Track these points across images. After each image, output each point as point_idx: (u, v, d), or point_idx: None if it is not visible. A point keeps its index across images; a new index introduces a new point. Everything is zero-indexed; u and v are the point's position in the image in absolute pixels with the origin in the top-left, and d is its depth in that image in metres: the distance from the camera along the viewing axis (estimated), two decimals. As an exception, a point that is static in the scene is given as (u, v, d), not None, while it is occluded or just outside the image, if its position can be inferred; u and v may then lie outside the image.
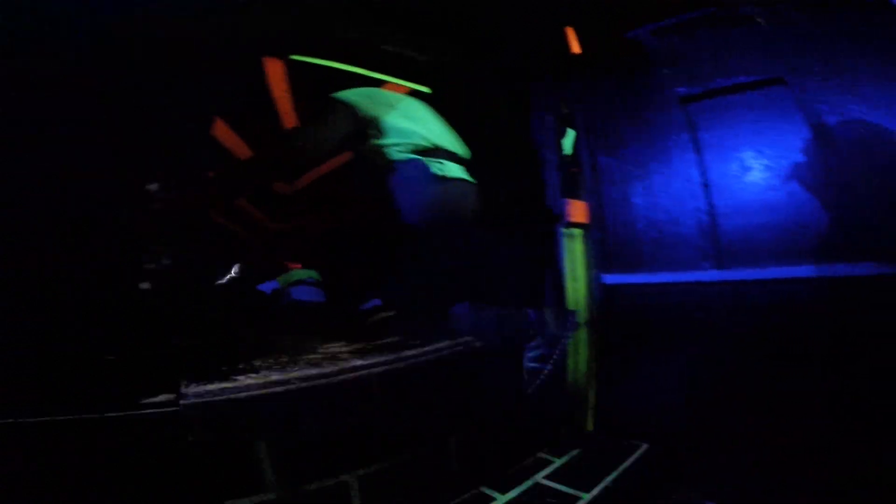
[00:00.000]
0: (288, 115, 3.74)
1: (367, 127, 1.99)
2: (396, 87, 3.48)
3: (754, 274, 1.83)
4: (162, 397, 1.20)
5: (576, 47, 2.68)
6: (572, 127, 2.32)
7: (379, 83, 3.39)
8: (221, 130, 3.98)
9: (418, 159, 1.95)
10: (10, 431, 1.02)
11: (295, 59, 3.03)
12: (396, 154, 1.98)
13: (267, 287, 3.39)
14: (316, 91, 3.64)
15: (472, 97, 2.89)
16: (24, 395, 1.08)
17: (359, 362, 1.33)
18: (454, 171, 1.99)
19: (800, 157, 1.85)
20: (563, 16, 2.37)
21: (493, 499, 1.57)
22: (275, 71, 3.52)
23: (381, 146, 1.99)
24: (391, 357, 1.40)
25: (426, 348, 1.55)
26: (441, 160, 1.98)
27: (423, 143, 2.00)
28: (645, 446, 1.97)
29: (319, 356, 1.50)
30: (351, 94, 2.09)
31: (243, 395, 1.17)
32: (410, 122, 2.04)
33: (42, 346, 1.16)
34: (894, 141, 1.66)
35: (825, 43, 1.81)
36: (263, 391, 1.18)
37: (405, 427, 1.44)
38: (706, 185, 1.94)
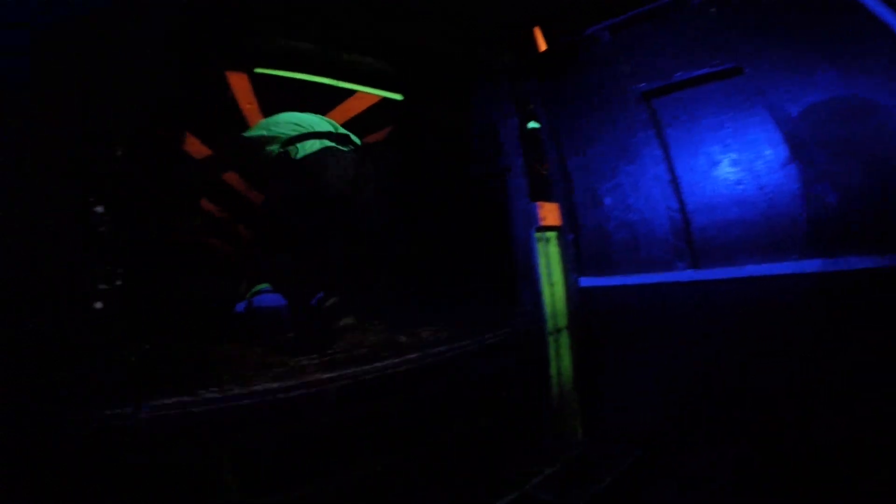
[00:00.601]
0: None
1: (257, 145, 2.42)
2: (366, 97, 3.57)
3: (730, 272, 1.88)
4: (120, 410, 1.22)
5: (542, 47, 2.79)
6: (539, 129, 2.41)
7: (347, 93, 3.48)
8: (193, 145, 4.03)
9: (282, 151, 2.30)
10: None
11: (259, 72, 3.10)
12: (272, 149, 2.33)
13: (241, 306, 3.47)
14: (285, 103, 3.72)
15: (441, 103, 2.98)
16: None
17: (324, 375, 1.36)
18: (312, 146, 2.29)
19: (766, 149, 1.89)
20: (524, 16, 2.46)
21: (479, 512, 1.59)
22: (240, 85, 3.59)
23: (260, 148, 2.38)
24: (358, 369, 1.43)
25: (397, 360, 1.59)
26: (302, 143, 2.30)
27: (290, 132, 2.35)
28: (638, 452, 1.97)
29: (285, 369, 1.53)
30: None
31: (202, 408, 1.20)
32: (277, 125, 2.41)
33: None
34: (857, 129, 1.67)
35: (779, 32, 1.85)
36: (223, 405, 1.21)
37: (376, 439, 1.47)
38: (675, 182, 2.02)
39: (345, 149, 2.39)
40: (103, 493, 1.15)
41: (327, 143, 2.34)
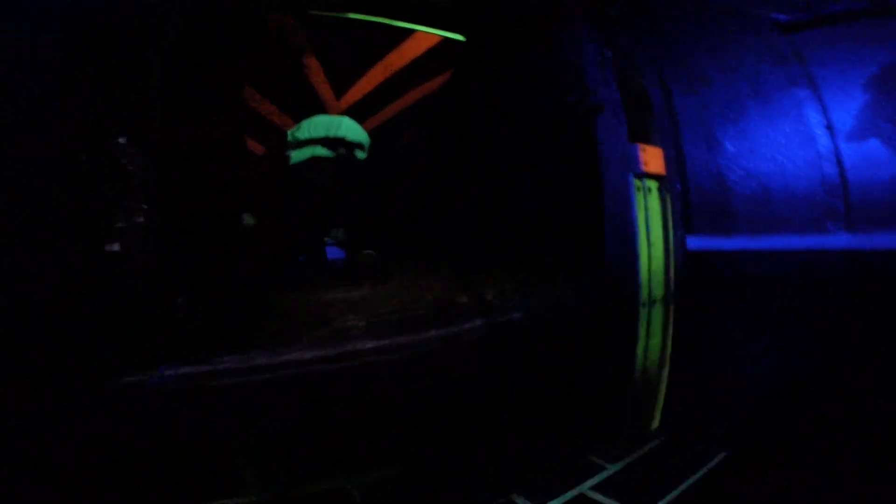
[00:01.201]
0: (317, 76, 3.45)
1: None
2: (425, 38, 3.10)
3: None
4: (128, 380, 0.94)
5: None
6: (639, 62, 1.86)
7: (405, 34, 3.05)
8: (252, 96, 3.77)
9: (287, 153, 2.78)
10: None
11: (315, 13, 2.75)
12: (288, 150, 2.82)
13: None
14: (344, 49, 3.33)
15: (512, 40, 2.46)
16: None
17: (370, 344, 1.01)
18: (303, 154, 2.75)
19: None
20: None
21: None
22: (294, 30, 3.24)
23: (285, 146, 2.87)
24: (410, 338, 1.07)
25: (457, 328, 1.21)
26: (297, 149, 2.76)
27: (301, 136, 2.76)
28: (723, 454, 1.60)
29: (328, 332, 1.19)
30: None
31: (219, 381, 0.89)
32: (299, 130, 2.81)
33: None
34: None
35: None
36: (244, 378, 0.90)
37: (422, 423, 1.12)
38: (830, 129, 1.44)
39: (332, 154, 2.81)
40: (105, 474, 0.88)
41: (318, 150, 2.76)
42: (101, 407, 0.88)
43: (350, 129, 2.91)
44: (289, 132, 2.91)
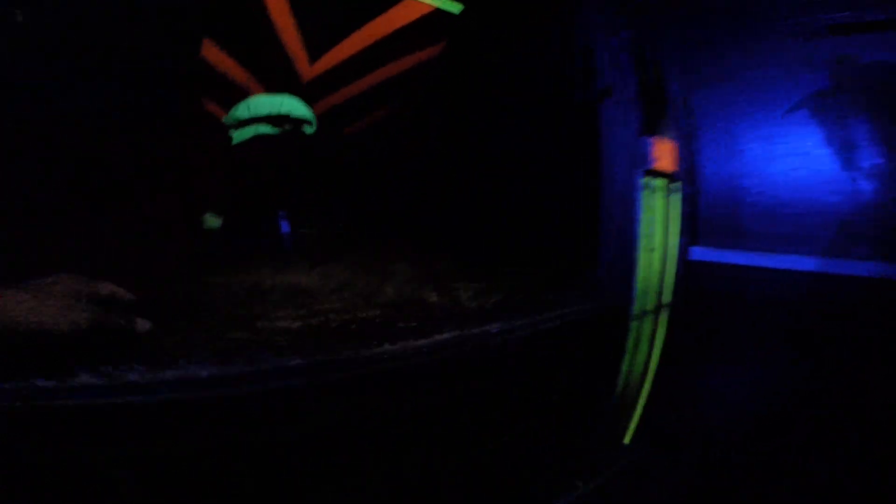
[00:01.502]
0: (290, 34, 3.07)
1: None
2: (415, 6, 2.78)
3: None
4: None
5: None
6: (657, 49, 1.62)
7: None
8: (212, 53, 3.33)
9: (230, 134, 2.59)
10: None
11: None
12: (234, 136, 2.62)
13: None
14: (326, 9, 2.97)
15: (513, 14, 2.18)
16: None
17: (292, 361, 0.73)
18: (246, 133, 2.57)
19: None
20: None
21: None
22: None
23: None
24: (354, 355, 0.79)
25: (423, 341, 0.93)
26: (239, 129, 2.57)
27: (242, 115, 2.57)
28: (701, 474, 1.50)
29: (244, 336, 0.90)
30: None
31: (59, 402, 0.60)
32: (238, 109, 2.63)
33: None
34: None
35: None
36: (98, 400, 0.61)
37: (372, 457, 0.87)
38: (873, 141, 1.23)
39: (276, 131, 2.67)
40: None
41: (261, 128, 2.61)
42: None
43: (293, 105, 2.80)
44: (226, 116, 2.79)
